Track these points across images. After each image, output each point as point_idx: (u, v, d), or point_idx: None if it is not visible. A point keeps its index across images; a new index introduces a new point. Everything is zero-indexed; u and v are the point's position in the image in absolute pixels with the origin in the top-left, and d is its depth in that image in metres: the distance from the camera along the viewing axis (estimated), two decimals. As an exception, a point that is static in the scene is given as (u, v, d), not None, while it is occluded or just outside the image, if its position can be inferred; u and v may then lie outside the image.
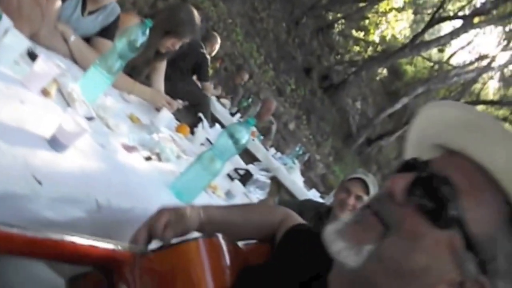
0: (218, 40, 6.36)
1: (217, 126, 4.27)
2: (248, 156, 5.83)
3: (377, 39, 20.50)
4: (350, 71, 16.95)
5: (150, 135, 1.96)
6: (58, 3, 1.98)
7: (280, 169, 6.16)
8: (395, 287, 0.77)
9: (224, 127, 3.25)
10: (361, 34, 20.00)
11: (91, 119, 1.59)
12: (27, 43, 1.52)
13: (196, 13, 2.80)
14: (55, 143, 1.19)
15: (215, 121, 4.79)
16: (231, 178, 2.91)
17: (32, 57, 1.64)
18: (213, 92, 5.57)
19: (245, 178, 2.99)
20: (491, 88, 21.64)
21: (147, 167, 1.71)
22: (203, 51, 5.29)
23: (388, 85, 20.33)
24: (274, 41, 13.98)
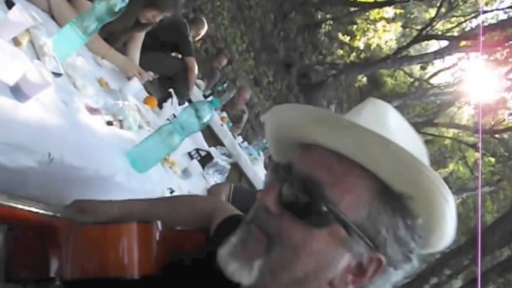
0: (205, 26, 6.29)
1: (187, 105, 4.27)
2: (214, 140, 5.85)
3: (362, 46, 20.63)
4: (330, 73, 17.03)
5: (115, 100, 1.98)
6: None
7: (242, 156, 6.19)
8: None
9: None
10: (347, 38, 20.06)
11: (58, 75, 1.60)
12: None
13: (180, -12, 2.81)
14: (17, 92, 1.20)
15: (187, 100, 4.79)
16: (191, 157, 2.94)
17: (8, 4, 1.63)
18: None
19: (205, 159, 3.03)
20: (466, 113, 21.99)
21: (107, 132, 1.73)
22: (188, 34, 5.26)
23: (365, 93, 20.46)
24: (259, 30, 13.96)
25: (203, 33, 6.31)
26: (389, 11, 19.06)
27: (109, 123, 1.80)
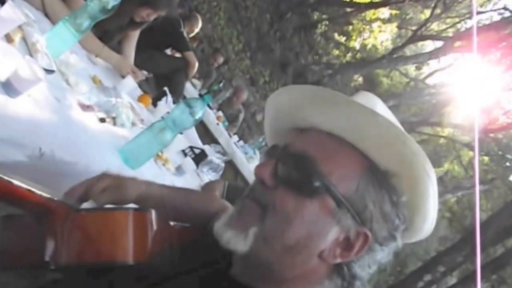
0: (199, 23, 6.29)
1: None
2: (209, 138, 5.86)
3: (358, 46, 20.65)
4: (326, 73, 17.05)
5: (108, 98, 1.98)
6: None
7: (237, 154, 6.20)
8: (287, 260, 0.85)
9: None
10: (343, 38, 20.09)
11: (51, 72, 1.60)
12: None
13: (175, -12, 2.82)
14: (8, 88, 1.21)
15: (182, 99, 4.79)
16: (185, 154, 2.95)
17: (0, 1, 1.64)
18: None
19: (200, 157, 3.03)
20: (461, 113, 21.95)
21: (99, 128, 1.73)
22: (181, 30, 5.27)
23: (361, 93, 20.47)
24: (255, 30, 13.97)
25: (197, 29, 6.31)
26: (385, 12, 19.09)
27: (102, 120, 1.81)
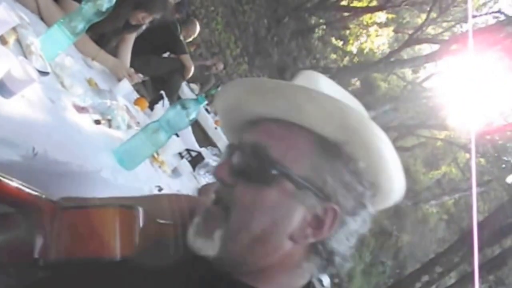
0: (196, 28, 6.26)
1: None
2: (207, 143, 5.87)
3: (355, 51, 20.70)
4: (323, 77, 17.06)
5: (104, 100, 1.99)
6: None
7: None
8: (258, 250, 0.86)
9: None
10: (340, 43, 20.14)
11: (45, 74, 1.61)
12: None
13: (170, -9, 2.84)
14: (1, 88, 1.22)
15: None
16: (181, 157, 2.95)
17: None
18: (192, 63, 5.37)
19: (196, 160, 3.04)
20: (458, 115, 22.00)
21: (94, 130, 1.74)
22: (178, 34, 5.28)
23: (359, 97, 20.25)
24: (253, 35, 14.00)
25: (194, 35, 6.31)
26: (382, 16, 19.13)
27: (97, 122, 1.81)
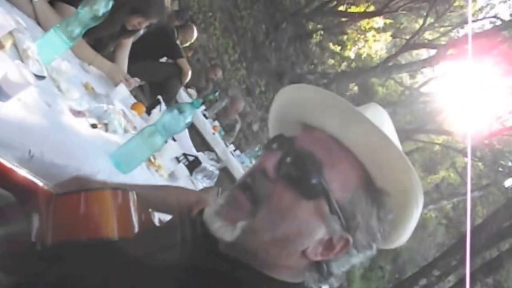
0: (193, 33, 6.26)
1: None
2: (205, 148, 5.87)
3: (353, 56, 20.75)
4: (321, 82, 17.08)
5: (100, 104, 2.00)
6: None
7: (233, 162, 6.22)
8: (273, 251, 0.88)
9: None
10: (338, 48, 20.19)
11: (41, 78, 1.62)
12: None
13: (167, -4, 2.85)
14: (-2, 91, 1.23)
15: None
16: (178, 162, 2.96)
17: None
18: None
19: (193, 164, 3.05)
20: (455, 120, 22.02)
21: (91, 134, 1.75)
22: (175, 39, 5.29)
23: (357, 102, 20.28)
24: (251, 41, 14.03)
25: (191, 40, 6.32)
26: (379, 21, 19.20)
27: (94, 126, 1.82)
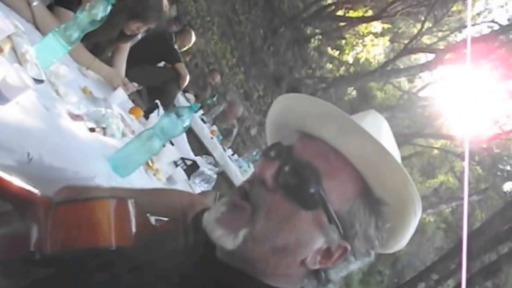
0: (191, 38, 6.28)
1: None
2: (203, 152, 5.87)
3: (351, 60, 20.82)
4: (319, 87, 17.14)
5: (98, 108, 2.00)
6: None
7: (231, 166, 6.23)
8: (272, 261, 0.88)
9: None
10: (336, 52, 20.26)
11: (40, 81, 1.62)
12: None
13: (165, 1, 2.85)
14: (-3, 95, 1.23)
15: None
16: (176, 166, 2.96)
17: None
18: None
19: (191, 168, 3.05)
20: (453, 124, 22.06)
21: (89, 137, 1.75)
22: (173, 43, 5.31)
23: (355, 106, 20.58)
24: (249, 45, 14.07)
25: (189, 44, 6.33)
26: (377, 26, 19.28)
27: (92, 130, 1.82)
